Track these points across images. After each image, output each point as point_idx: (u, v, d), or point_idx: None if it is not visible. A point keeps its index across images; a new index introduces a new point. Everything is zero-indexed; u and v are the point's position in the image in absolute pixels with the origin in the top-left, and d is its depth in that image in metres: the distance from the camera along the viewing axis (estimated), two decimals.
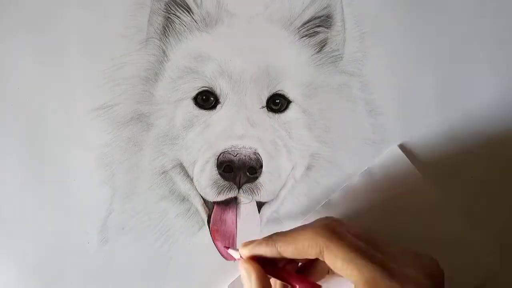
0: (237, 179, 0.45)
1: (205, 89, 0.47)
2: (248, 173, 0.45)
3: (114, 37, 0.48)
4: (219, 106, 0.47)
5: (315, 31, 0.48)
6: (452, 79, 0.49)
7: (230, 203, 0.47)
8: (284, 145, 0.47)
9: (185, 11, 0.48)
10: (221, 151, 0.45)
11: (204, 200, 0.47)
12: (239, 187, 0.45)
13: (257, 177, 0.46)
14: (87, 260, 0.47)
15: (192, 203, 0.47)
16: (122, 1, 0.48)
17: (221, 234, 0.47)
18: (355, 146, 0.48)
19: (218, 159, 0.45)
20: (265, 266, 0.39)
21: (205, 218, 0.47)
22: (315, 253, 0.37)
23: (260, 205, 0.47)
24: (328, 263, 0.37)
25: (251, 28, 0.48)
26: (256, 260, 0.40)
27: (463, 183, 0.48)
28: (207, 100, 0.47)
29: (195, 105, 0.47)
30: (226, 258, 0.47)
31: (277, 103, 0.48)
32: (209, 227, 0.47)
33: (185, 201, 0.48)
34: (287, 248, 0.38)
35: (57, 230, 0.47)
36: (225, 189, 0.45)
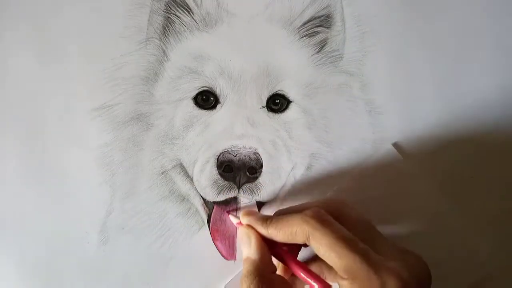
0: (237, 179, 0.45)
1: (205, 89, 0.47)
2: (248, 173, 0.45)
3: (114, 37, 0.48)
4: (219, 106, 0.47)
5: (315, 31, 0.48)
6: (452, 79, 0.49)
7: (230, 203, 0.47)
8: (284, 145, 0.47)
9: (185, 11, 0.48)
10: (221, 151, 0.45)
11: (204, 200, 0.47)
12: (239, 187, 0.45)
13: (257, 177, 0.46)
14: (87, 260, 0.47)
15: (192, 203, 0.47)
16: (122, 1, 0.48)
17: (221, 234, 0.47)
18: (355, 146, 0.48)
19: (218, 159, 0.45)
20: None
21: (205, 218, 0.47)
22: (303, 239, 0.38)
23: (260, 205, 0.47)
24: (313, 249, 0.38)
25: (251, 28, 0.48)
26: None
27: (462, 183, 0.48)
28: (207, 100, 0.47)
29: (195, 105, 0.47)
30: (226, 258, 0.47)
31: (277, 103, 0.48)
32: (209, 227, 0.47)
33: (185, 201, 0.48)
34: (278, 232, 0.40)
35: (57, 230, 0.47)
36: (225, 189, 0.45)
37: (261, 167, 0.46)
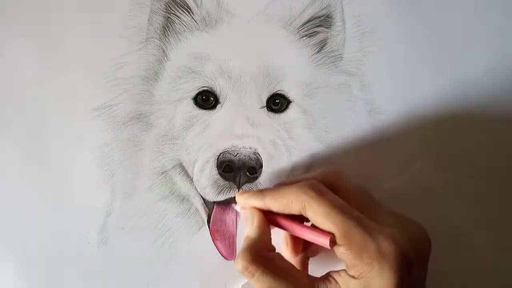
0: (237, 179, 0.45)
1: (205, 89, 0.47)
2: (248, 173, 0.45)
3: (114, 37, 0.48)
4: (219, 106, 0.47)
5: (315, 31, 0.48)
6: (452, 79, 0.49)
7: (230, 203, 0.47)
8: (284, 145, 0.47)
9: (185, 11, 0.48)
10: (221, 151, 0.45)
11: (204, 200, 0.47)
12: (239, 187, 0.45)
13: (257, 177, 0.46)
14: (87, 260, 0.47)
15: (192, 203, 0.47)
16: (122, 1, 0.48)
17: (221, 234, 0.47)
18: (355, 146, 0.48)
19: (218, 159, 0.45)
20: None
21: (205, 218, 0.47)
22: (298, 208, 0.39)
23: None
24: (309, 218, 0.39)
25: (251, 28, 0.48)
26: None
27: (462, 182, 0.48)
28: (207, 100, 0.47)
29: (195, 105, 0.47)
30: (226, 258, 0.47)
31: (277, 103, 0.48)
32: (209, 227, 0.47)
33: (185, 201, 0.48)
34: (275, 202, 0.40)
35: (57, 230, 0.47)
36: (225, 189, 0.45)
37: (261, 167, 0.46)
